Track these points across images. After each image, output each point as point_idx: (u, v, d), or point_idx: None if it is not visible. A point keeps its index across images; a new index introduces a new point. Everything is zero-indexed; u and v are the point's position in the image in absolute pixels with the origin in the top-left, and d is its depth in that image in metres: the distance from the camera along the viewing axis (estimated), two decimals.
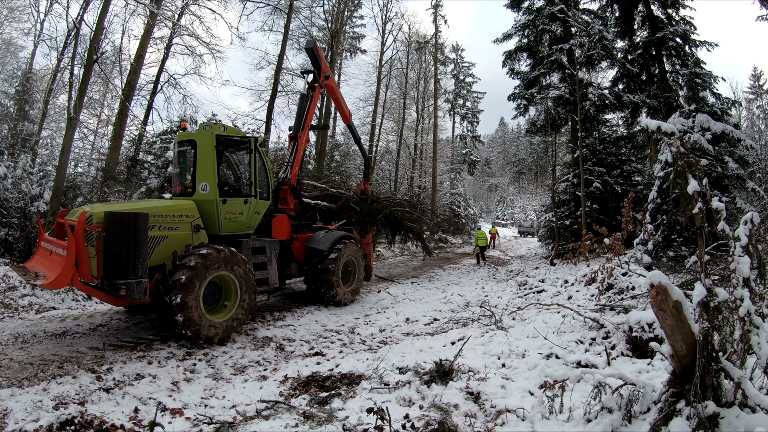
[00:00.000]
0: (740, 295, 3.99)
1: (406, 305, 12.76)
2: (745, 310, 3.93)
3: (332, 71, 24.35)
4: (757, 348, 3.95)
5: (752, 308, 3.96)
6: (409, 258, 25.95)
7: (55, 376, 6.17)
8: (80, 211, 7.83)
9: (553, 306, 10.15)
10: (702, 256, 4.14)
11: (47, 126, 23.80)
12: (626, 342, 6.56)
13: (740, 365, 3.93)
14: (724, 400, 3.73)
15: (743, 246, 4.12)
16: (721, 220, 4.19)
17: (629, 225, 10.92)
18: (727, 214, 4.28)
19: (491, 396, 5.22)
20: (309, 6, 26.95)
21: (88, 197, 16.32)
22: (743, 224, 4.19)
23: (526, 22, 24.97)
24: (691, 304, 3.79)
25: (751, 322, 3.95)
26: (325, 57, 14.73)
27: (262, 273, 9.99)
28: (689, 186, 3.97)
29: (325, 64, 13.35)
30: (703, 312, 3.74)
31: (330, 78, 13.88)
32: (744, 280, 4.03)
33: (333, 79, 14.42)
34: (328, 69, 13.82)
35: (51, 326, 8.62)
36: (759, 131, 38.89)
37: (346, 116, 14.99)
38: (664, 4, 21.28)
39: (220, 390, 6.30)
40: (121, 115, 18.63)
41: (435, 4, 41.39)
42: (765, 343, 3.97)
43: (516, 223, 77.63)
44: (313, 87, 13.25)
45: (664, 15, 21.31)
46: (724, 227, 4.20)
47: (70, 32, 17.11)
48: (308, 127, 12.85)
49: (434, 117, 42.36)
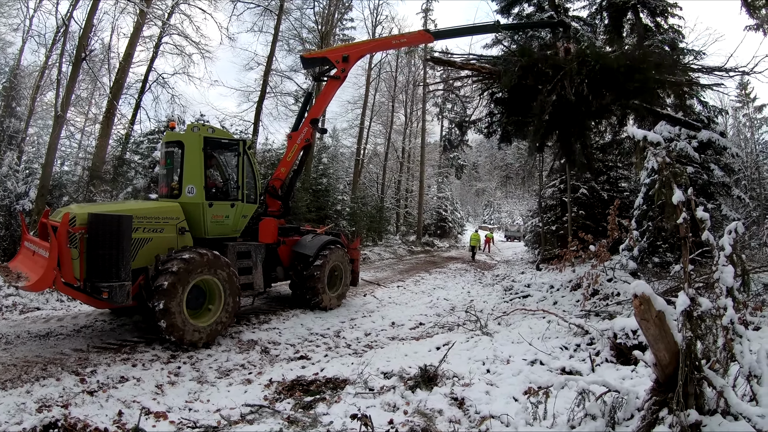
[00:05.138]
0: (724, 304, 4.01)
1: (392, 309, 12.75)
2: (729, 319, 3.96)
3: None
4: (740, 356, 3.97)
5: (735, 317, 3.99)
6: (396, 261, 25.96)
7: (39, 378, 6.09)
8: (63, 211, 7.73)
9: (539, 311, 10.20)
10: (686, 265, 4.16)
11: (34, 123, 23.64)
12: (611, 348, 6.60)
13: (723, 373, 3.95)
14: (706, 408, 3.75)
15: (727, 255, 4.15)
16: (706, 230, 4.22)
17: (614, 232, 10.99)
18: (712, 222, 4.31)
19: (475, 402, 5.22)
20: (299, 7, 27.03)
21: (73, 196, 16.14)
22: (727, 234, 4.22)
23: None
24: (675, 313, 3.81)
25: (734, 331, 3.97)
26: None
27: (246, 278, 9.90)
28: (674, 196, 4.00)
29: (333, 49, 13.02)
30: (686, 321, 3.76)
31: (349, 60, 12.67)
32: (727, 289, 4.06)
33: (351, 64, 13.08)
34: (343, 50, 13.04)
35: (35, 327, 8.52)
36: (745, 139, 39.33)
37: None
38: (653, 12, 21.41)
39: (205, 394, 6.25)
40: (108, 114, 18.53)
41: (425, 8, 41.43)
42: (748, 352, 4.00)
43: (503, 227, 77.95)
44: (320, 79, 12.93)
45: (653, 23, 21.42)
46: (708, 237, 4.24)
47: (59, 29, 17.06)
48: (305, 126, 12.52)
49: (422, 121, 42.39)
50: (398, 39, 14.85)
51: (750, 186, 31.59)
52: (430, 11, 41.52)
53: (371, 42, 16.14)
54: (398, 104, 40.86)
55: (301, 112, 13.17)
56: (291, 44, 28.17)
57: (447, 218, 49.64)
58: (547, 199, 25.64)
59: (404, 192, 45.15)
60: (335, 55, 12.63)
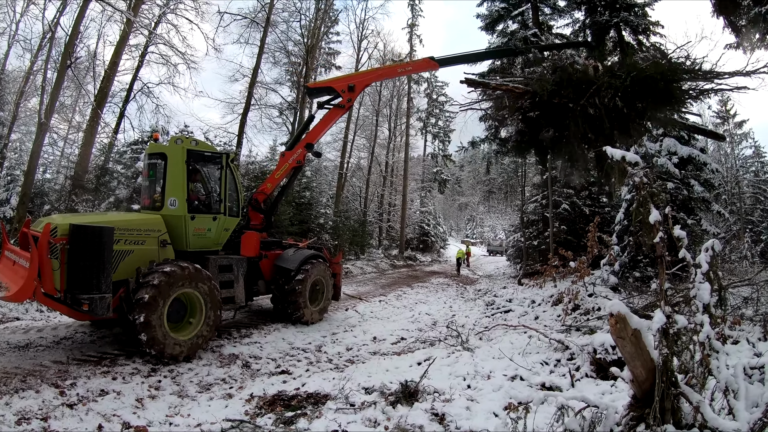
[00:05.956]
0: (700, 320, 4.09)
1: (374, 324, 12.72)
2: (705, 335, 4.03)
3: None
4: (717, 372, 4.05)
5: (712, 333, 4.07)
6: (378, 275, 25.94)
7: (18, 390, 6.00)
8: (45, 221, 7.67)
9: (520, 327, 10.24)
10: (662, 283, 4.24)
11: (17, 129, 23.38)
12: (591, 363, 6.66)
13: (701, 388, 4.02)
14: (684, 422, 3.81)
15: (704, 273, 4.24)
16: (683, 248, 4.30)
17: (594, 248, 11.11)
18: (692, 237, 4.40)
19: (456, 417, 5.24)
20: (286, 20, 27.18)
21: (55, 205, 16.02)
22: (704, 251, 4.31)
23: (499, 45, 25.35)
24: (652, 330, 3.88)
25: (710, 347, 4.05)
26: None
27: (228, 291, 9.84)
28: (651, 216, 4.08)
29: (338, 78, 12.89)
30: (662, 339, 3.82)
31: (355, 90, 12.74)
32: (704, 306, 4.14)
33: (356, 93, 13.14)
34: (348, 79, 13.01)
35: (14, 338, 8.41)
36: (725, 154, 40.00)
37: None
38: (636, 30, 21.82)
39: (185, 408, 6.20)
40: (92, 123, 18.47)
41: (411, 23, 41.75)
42: (724, 367, 4.07)
43: (485, 241, 78.29)
44: (324, 107, 12.86)
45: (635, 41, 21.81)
46: (685, 254, 4.32)
47: (45, 35, 17.00)
48: (299, 148, 12.48)
49: (406, 135, 42.61)
50: (404, 67, 15.01)
51: (730, 200, 32.11)
52: (416, 26, 41.86)
53: (377, 70, 16.22)
54: (382, 118, 41.04)
55: (300, 133, 13.16)
56: (277, 57, 28.39)
57: (430, 232, 49.76)
58: (529, 214, 25.86)
59: (387, 206, 45.23)
60: (341, 84, 12.66)
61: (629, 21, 21.75)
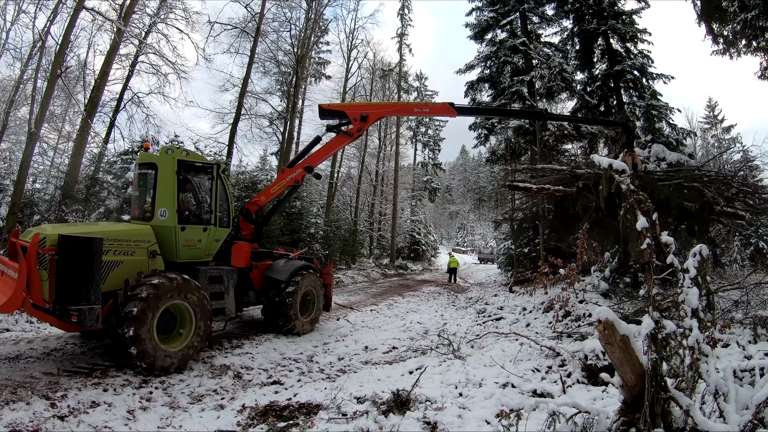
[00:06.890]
0: (689, 325, 4.12)
1: (365, 333, 12.70)
2: (694, 339, 4.06)
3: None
4: (706, 375, 4.08)
5: (701, 337, 4.10)
6: (369, 285, 25.92)
7: (8, 402, 5.96)
8: (34, 231, 7.63)
9: (511, 334, 10.26)
10: (650, 289, 4.27)
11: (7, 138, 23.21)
12: (582, 369, 6.69)
13: (691, 392, 4.04)
14: (675, 426, 3.83)
15: (692, 278, 4.27)
16: (671, 254, 4.34)
17: (584, 255, 11.15)
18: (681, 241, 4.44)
19: (448, 425, 5.24)
20: (276, 30, 27.19)
21: (45, 215, 15.92)
22: (692, 257, 4.35)
23: (488, 54, 25.48)
24: (641, 335, 3.90)
25: (699, 351, 4.08)
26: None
27: (218, 302, 9.79)
28: (638, 223, 4.12)
29: (353, 105, 12.91)
30: (651, 344, 3.85)
31: (368, 120, 12.77)
32: (693, 310, 4.17)
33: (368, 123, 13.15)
34: (363, 108, 12.95)
35: (4, 349, 8.34)
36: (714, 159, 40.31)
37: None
38: (623, 38, 22.09)
39: (177, 419, 6.17)
40: (82, 132, 18.38)
41: (400, 33, 42.00)
42: (714, 370, 4.10)
43: (476, 249, 78.40)
44: (333, 130, 12.75)
45: (623, 48, 22.08)
46: (673, 260, 4.35)
47: (36, 44, 16.91)
48: (299, 168, 12.44)
49: (396, 144, 42.76)
50: (421, 108, 15.06)
51: None
52: (405, 35, 42.11)
53: (394, 105, 16.33)
54: (372, 127, 41.07)
55: (303, 152, 13.15)
56: (267, 66, 28.42)
57: (420, 241, 49.84)
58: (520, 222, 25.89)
59: (378, 215, 45.25)
60: (354, 112, 12.59)
61: (617, 29, 21.96)
